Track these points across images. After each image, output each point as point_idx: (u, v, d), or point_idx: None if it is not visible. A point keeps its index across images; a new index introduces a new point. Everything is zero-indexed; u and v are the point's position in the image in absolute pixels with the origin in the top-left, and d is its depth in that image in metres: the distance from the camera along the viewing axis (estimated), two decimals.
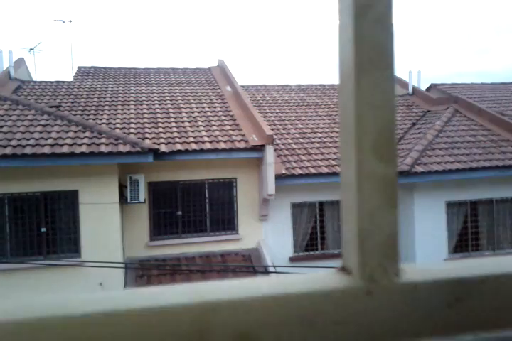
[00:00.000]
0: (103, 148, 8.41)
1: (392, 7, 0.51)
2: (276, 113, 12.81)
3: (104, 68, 14.64)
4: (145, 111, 11.31)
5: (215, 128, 10.37)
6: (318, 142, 11.24)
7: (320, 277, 0.54)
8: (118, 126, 10.29)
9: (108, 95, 12.21)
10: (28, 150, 8.11)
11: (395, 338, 0.52)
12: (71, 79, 13.63)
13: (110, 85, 13.01)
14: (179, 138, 9.78)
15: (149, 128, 10.26)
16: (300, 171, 9.89)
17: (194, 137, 9.85)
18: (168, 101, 11.97)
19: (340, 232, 9.55)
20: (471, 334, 0.54)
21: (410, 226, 10.04)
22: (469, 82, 16.41)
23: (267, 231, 10.07)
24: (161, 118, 10.85)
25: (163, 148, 9.17)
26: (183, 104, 11.85)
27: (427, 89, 15.64)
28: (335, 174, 9.57)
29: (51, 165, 8.30)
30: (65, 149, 8.28)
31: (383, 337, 0.52)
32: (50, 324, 0.44)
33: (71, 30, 14.87)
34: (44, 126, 9.07)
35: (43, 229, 8.53)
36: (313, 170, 9.92)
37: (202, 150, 9.37)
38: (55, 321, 0.44)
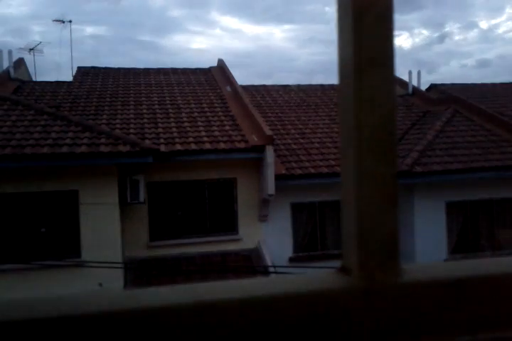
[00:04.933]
0: (103, 149, 8.41)
1: (392, 7, 0.51)
2: (276, 113, 12.80)
3: (104, 68, 14.64)
4: (145, 111, 11.31)
5: (214, 128, 10.37)
6: (318, 142, 11.24)
7: (320, 277, 0.54)
8: (118, 126, 10.29)
9: (108, 95, 12.21)
10: (28, 151, 8.11)
11: (395, 337, 0.52)
12: (71, 79, 13.63)
13: (110, 85, 13.00)
14: (179, 138, 9.78)
15: (149, 129, 10.26)
16: (300, 171, 9.88)
17: (194, 137, 9.85)
18: (168, 102, 11.97)
19: (340, 232, 9.53)
20: (470, 335, 0.54)
21: (410, 226, 10.03)
22: (469, 82, 16.43)
23: (267, 232, 10.07)
24: (161, 119, 10.85)
25: (162, 149, 9.16)
26: (183, 104, 11.85)
27: (427, 90, 15.65)
28: (335, 174, 9.55)
29: (51, 165, 8.30)
30: (65, 149, 8.27)
31: (383, 336, 0.52)
32: (49, 323, 0.44)
33: (71, 30, 14.93)
34: (44, 126, 9.06)
35: (43, 229, 8.53)
36: (313, 171, 9.92)
37: (202, 151, 9.37)
38: (53, 320, 0.44)
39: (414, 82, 15.20)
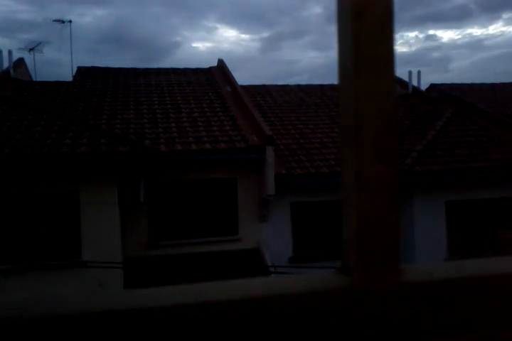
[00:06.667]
0: (103, 149, 8.41)
1: (392, 7, 0.51)
2: (276, 113, 12.80)
3: (104, 68, 14.64)
4: (145, 111, 11.31)
5: (215, 128, 10.37)
6: (318, 142, 11.23)
7: (320, 277, 0.54)
8: (118, 126, 10.29)
9: (108, 95, 12.21)
10: (28, 151, 8.11)
11: (395, 338, 0.52)
12: (71, 79, 13.62)
13: (110, 85, 13.00)
14: (179, 138, 9.78)
15: (149, 129, 10.26)
16: (300, 171, 9.88)
17: (194, 137, 9.85)
18: (168, 102, 11.97)
19: (340, 232, 9.49)
20: (470, 334, 0.54)
21: (410, 226, 10.03)
22: (469, 82, 16.43)
23: (267, 232, 10.07)
24: (161, 119, 10.85)
25: (163, 149, 9.16)
26: (183, 104, 11.85)
27: (427, 90, 15.64)
28: (335, 174, 9.56)
29: (51, 165, 8.29)
30: (65, 149, 8.27)
31: (383, 336, 0.52)
32: (49, 323, 0.44)
33: (71, 30, 14.94)
34: (44, 126, 9.06)
35: (43, 229, 8.52)
36: (313, 171, 9.92)
37: (202, 151, 9.37)
38: (54, 320, 0.44)
39: (414, 82, 15.20)
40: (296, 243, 10.32)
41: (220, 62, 15.11)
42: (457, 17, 61.53)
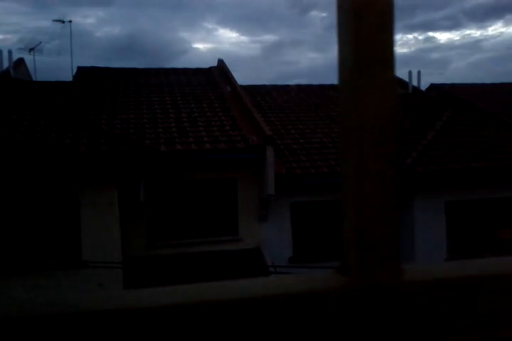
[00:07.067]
0: (103, 148, 8.41)
1: (392, 7, 0.51)
2: (276, 113, 12.80)
3: (104, 68, 14.63)
4: (145, 111, 11.31)
5: (214, 128, 10.37)
6: (317, 142, 11.23)
7: (319, 277, 0.54)
8: (118, 126, 10.29)
9: (108, 95, 12.21)
10: (28, 150, 8.10)
11: (395, 337, 0.52)
12: (71, 79, 13.61)
13: (110, 85, 13.00)
14: (179, 138, 9.78)
15: (149, 129, 10.26)
16: (300, 171, 9.88)
17: (194, 137, 9.85)
18: (168, 102, 11.97)
19: (340, 232, 9.46)
20: (470, 334, 0.54)
21: (410, 226, 10.03)
22: (469, 82, 16.44)
23: (267, 232, 10.06)
24: (161, 119, 10.85)
25: (163, 149, 9.17)
26: (183, 104, 11.84)
27: (427, 90, 15.65)
28: (335, 174, 9.56)
29: (51, 165, 8.29)
30: (65, 149, 8.27)
31: (383, 336, 0.52)
32: (50, 322, 0.44)
33: (71, 30, 14.95)
34: (44, 126, 9.06)
35: (43, 230, 8.52)
36: (313, 171, 9.92)
37: (202, 151, 9.37)
38: (54, 320, 0.44)
39: (414, 82, 15.20)
40: (296, 243, 10.31)
41: (220, 62, 15.11)
42: (448, 26, 62.10)
